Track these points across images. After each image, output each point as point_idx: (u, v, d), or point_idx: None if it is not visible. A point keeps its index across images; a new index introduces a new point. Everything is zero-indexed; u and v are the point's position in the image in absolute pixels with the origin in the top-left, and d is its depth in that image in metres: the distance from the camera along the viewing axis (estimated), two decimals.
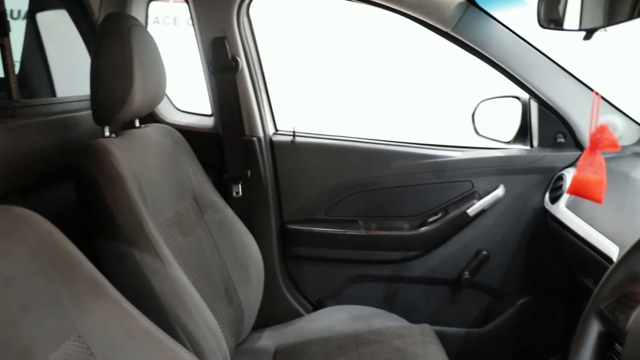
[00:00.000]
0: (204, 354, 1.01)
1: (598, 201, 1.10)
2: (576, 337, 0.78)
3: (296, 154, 1.69)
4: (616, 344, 1.20)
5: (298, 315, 1.68)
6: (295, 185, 1.72)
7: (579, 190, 1.12)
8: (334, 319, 1.56)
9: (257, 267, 1.48)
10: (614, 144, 1.05)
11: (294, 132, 1.69)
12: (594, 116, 1.06)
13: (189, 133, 1.45)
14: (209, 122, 1.71)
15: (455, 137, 2.05)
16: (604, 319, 0.76)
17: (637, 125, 1.61)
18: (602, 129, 1.05)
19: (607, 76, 2.22)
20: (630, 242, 1.18)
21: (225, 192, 1.59)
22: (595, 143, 1.06)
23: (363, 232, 1.72)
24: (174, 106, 1.75)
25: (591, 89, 1.57)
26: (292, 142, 1.68)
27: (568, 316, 1.83)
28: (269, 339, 1.51)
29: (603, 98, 1.57)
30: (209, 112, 1.73)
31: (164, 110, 1.71)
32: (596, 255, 1.31)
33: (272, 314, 1.71)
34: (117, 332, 0.73)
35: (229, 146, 1.63)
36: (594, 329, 0.77)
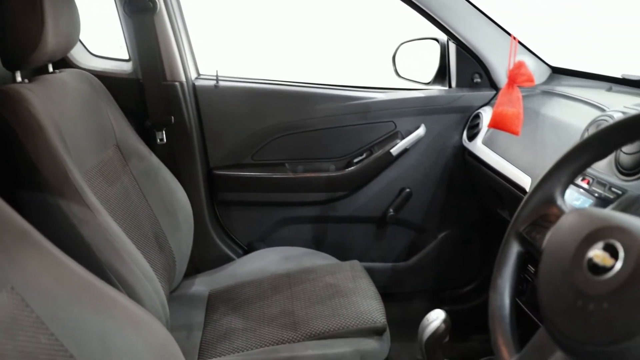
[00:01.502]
0: (141, 300, 1.01)
1: (515, 133, 1.17)
2: (498, 258, 0.85)
3: (220, 98, 1.66)
4: (529, 265, 1.32)
5: (229, 259, 1.69)
6: (221, 131, 1.69)
7: (498, 123, 1.19)
8: (266, 261, 1.58)
9: (186, 214, 1.47)
10: (530, 79, 1.12)
11: (217, 76, 1.65)
12: (512, 57, 1.11)
13: (106, 79, 1.38)
14: (126, 67, 1.63)
15: (378, 78, 2.09)
16: (522, 240, 0.82)
17: (545, 65, 1.71)
18: (519, 65, 1.11)
19: (517, 19, 2.31)
20: (540, 173, 1.28)
21: (148, 139, 1.54)
22: (513, 78, 1.12)
23: (290, 175, 1.74)
24: (88, 50, 1.65)
25: (508, 33, 1.64)
26: (216, 86, 1.64)
27: (484, 246, 1.98)
28: (202, 284, 1.51)
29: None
30: (126, 56, 1.64)
31: (77, 55, 1.61)
32: (510, 186, 1.41)
33: (203, 259, 1.71)
34: (52, 282, 0.71)
35: (150, 92, 1.57)
36: (514, 250, 0.83)
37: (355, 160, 1.76)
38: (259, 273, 1.51)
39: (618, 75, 1.52)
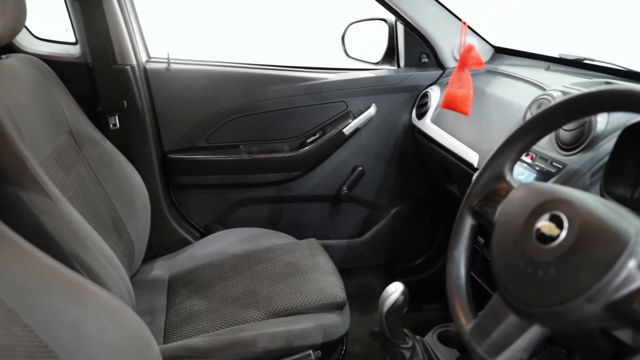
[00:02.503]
0: (108, 287, 1.01)
1: (465, 113, 1.23)
2: (454, 231, 0.90)
3: (172, 81, 1.64)
4: (478, 237, 1.39)
5: (187, 243, 1.69)
6: (174, 114, 1.68)
7: (449, 104, 1.24)
8: (224, 243, 1.60)
9: (143, 199, 1.46)
10: (479, 62, 1.17)
11: (168, 58, 1.63)
12: (462, 41, 1.16)
13: (53, 63, 1.34)
14: (74, 50, 1.58)
15: (328, 59, 2.11)
16: (475, 214, 0.88)
17: (488, 45, 1.78)
18: (469, 49, 1.16)
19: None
20: (487, 149, 1.36)
21: (101, 124, 1.52)
22: (464, 61, 1.18)
23: (245, 157, 1.75)
24: (32, 33, 1.59)
25: (457, 17, 1.69)
26: (167, 69, 1.62)
27: (434, 220, 2.06)
28: (161, 268, 1.52)
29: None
30: (73, 39, 1.59)
31: (22, 39, 1.54)
32: (459, 162, 1.48)
33: (161, 244, 1.71)
34: (22, 274, 0.70)
35: (100, 76, 1.53)
36: (468, 223, 0.89)
37: (309, 141, 1.79)
38: (219, 255, 1.53)
39: (555, 54, 1.61)
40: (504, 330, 0.71)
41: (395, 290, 1.12)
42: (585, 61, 1.50)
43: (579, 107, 0.77)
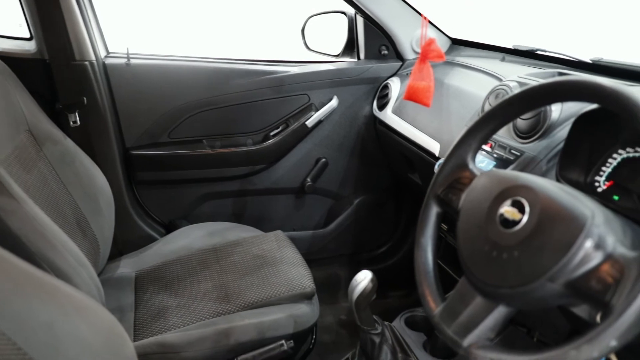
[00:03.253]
0: (78, 286, 1.00)
1: (426, 104, 1.27)
2: (420, 219, 0.93)
3: (132, 77, 1.61)
4: (442, 224, 1.44)
5: (152, 240, 1.68)
6: (135, 110, 1.65)
7: (411, 96, 1.27)
8: (190, 238, 1.59)
9: (106, 196, 1.44)
10: (440, 55, 1.21)
11: (127, 53, 1.60)
12: (423, 34, 1.19)
13: (8, 60, 1.30)
14: (29, 46, 1.53)
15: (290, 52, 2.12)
16: (440, 202, 0.91)
17: (445, 37, 1.83)
18: (430, 42, 1.19)
19: None
20: (447, 139, 1.40)
21: (61, 122, 1.48)
22: (425, 54, 1.21)
23: (209, 151, 1.74)
24: None
25: (413, 8, 1.72)
26: (127, 64, 1.59)
27: (397, 208, 2.11)
28: (127, 266, 1.50)
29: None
30: (27, 34, 1.54)
31: None
32: (421, 152, 1.52)
33: (126, 241, 1.69)
34: None
35: (58, 73, 1.49)
36: (434, 211, 0.92)
37: (272, 134, 1.80)
38: (185, 250, 1.52)
39: (510, 45, 1.67)
40: (472, 311, 0.75)
41: (363, 278, 1.15)
42: (538, 52, 1.56)
43: (536, 98, 0.81)
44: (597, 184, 0.96)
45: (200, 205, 1.85)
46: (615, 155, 0.94)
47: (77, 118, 1.53)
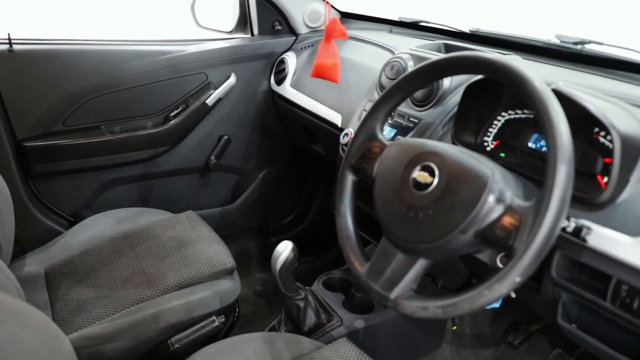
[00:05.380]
0: None
1: (335, 81, 1.33)
2: (338, 188, 1.00)
3: (18, 63, 1.51)
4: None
5: (57, 233, 1.61)
6: (24, 99, 1.55)
7: (319, 73, 1.33)
8: (99, 227, 1.55)
9: (3, 193, 1.36)
10: (343, 33, 1.27)
11: (9, 39, 1.49)
12: (326, 14, 1.24)
13: None
14: None
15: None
16: (355, 171, 0.99)
17: (335, 10, 1.90)
18: (333, 22, 1.25)
19: None
20: (348, 110, 1.49)
21: None
22: (329, 33, 1.26)
23: (108, 137, 1.69)
24: None
25: None
26: (10, 50, 1.49)
27: (299, 179, 2.18)
28: (34, 263, 1.43)
29: None
30: None
31: None
32: (323, 124, 1.59)
33: (28, 238, 1.60)
34: None
35: None
36: (350, 179, 1.00)
37: (172, 115, 1.78)
38: (95, 240, 1.48)
39: (395, 18, 1.78)
40: (395, 267, 0.84)
41: (285, 248, 1.21)
42: (422, 23, 1.68)
43: (438, 71, 0.90)
44: (485, 143, 1.09)
45: (104, 193, 1.80)
46: (499, 118, 1.08)
47: None
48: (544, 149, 0.99)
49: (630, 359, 0.87)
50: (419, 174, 0.83)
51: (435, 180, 0.80)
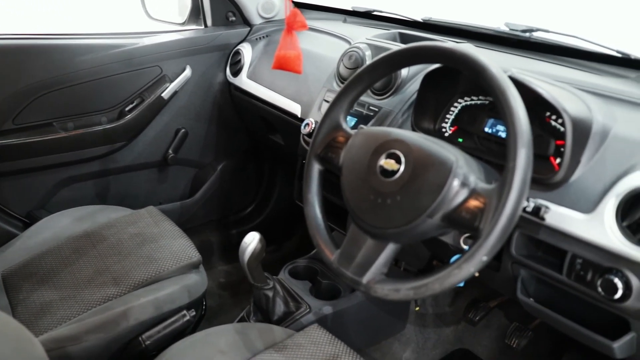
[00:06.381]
0: None
1: (298, 72, 1.34)
2: (305, 178, 1.02)
3: None
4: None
5: (12, 236, 1.56)
6: None
7: (282, 65, 1.34)
8: (56, 227, 1.51)
9: None
10: (303, 24, 1.28)
11: None
12: (287, 5, 1.25)
13: None
14: None
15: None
16: (321, 160, 1.01)
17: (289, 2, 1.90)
18: (294, 13, 1.26)
19: None
20: (307, 100, 1.50)
21: None
22: (291, 25, 1.27)
23: (62, 134, 1.64)
24: None
25: None
26: None
27: (258, 170, 2.19)
28: None
29: None
30: None
31: None
32: (282, 114, 1.60)
33: None
34: None
35: None
36: (316, 169, 1.01)
37: (127, 109, 1.74)
38: (54, 241, 1.44)
39: (349, 7, 1.80)
40: (365, 253, 0.87)
41: (252, 239, 1.22)
42: (375, 13, 1.71)
43: (399, 61, 0.93)
44: (444, 129, 1.13)
45: (59, 192, 1.75)
46: (456, 104, 1.12)
47: None
48: (500, 133, 1.04)
49: (582, 326, 0.94)
50: (385, 162, 0.85)
51: (402, 167, 0.83)
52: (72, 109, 1.66)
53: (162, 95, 1.75)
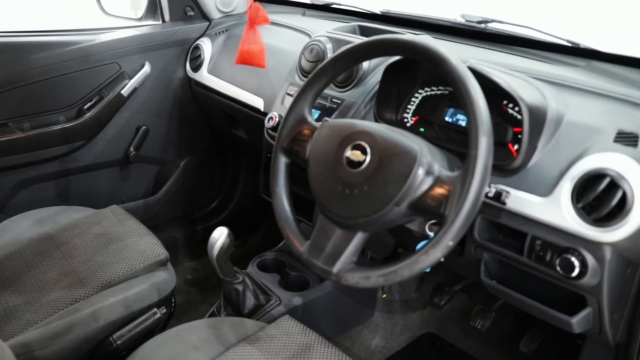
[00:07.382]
0: None
1: (262, 66, 1.34)
2: (272, 171, 1.03)
3: None
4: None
5: None
6: None
7: (245, 60, 1.34)
8: (16, 230, 1.47)
9: None
10: (266, 19, 1.28)
11: None
12: (248, 0, 1.25)
13: None
14: None
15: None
16: (288, 153, 1.02)
17: None
18: (256, 9, 1.26)
19: None
20: (270, 94, 1.51)
21: None
22: (253, 20, 1.27)
23: (18, 135, 1.59)
24: None
25: None
26: None
27: (221, 165, 2.18)
28: None
29: None
30: None
31: None
32: (244, 108, 1.61)
33: None
34: None
35: None
36: (282, 162, 1.02)
37: (86, 107, 1.71)
38: (14, 244, 1.41)
39: (307, 0, 1.81)
40: (335, 242, 0.89)
41: (220, 234, 1.22)
42: (334, 5, 1.73)
43: (361, 54, 0.95)
44: (405, 120, 1.16)
45: (18, 194, 1.70)
46: (417, 95, 1.15)
47: None
48: (460, 122, 1.07)
49: (542, 304, 0.99)
50: (351, 153, 0.87)
51: (368, 158, 0.85)
52: (28, 109, 1.61)
53: (122, 92, 1.73)
